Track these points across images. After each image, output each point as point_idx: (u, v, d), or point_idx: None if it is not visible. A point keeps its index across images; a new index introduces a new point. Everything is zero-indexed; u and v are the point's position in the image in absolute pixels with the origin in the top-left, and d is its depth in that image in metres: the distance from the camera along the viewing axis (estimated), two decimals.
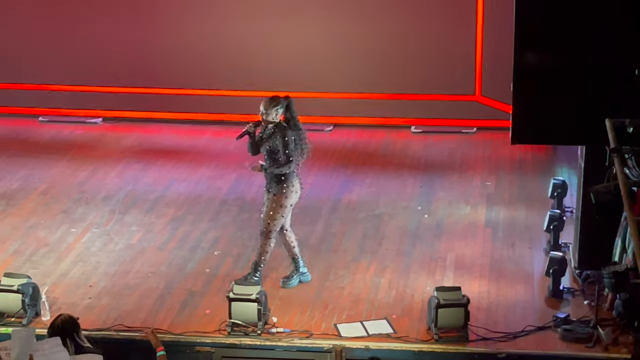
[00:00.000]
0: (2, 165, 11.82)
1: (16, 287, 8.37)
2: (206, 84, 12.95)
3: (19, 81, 13.26)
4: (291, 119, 8.76)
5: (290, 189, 8.75)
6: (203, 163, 11.83)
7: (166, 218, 10.40)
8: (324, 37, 12.77)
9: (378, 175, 11.44)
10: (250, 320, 8.22)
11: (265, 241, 8.85)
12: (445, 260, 9.43)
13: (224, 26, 12.85)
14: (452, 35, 12.56)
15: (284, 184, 8.72)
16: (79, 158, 12.03)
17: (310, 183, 11.22)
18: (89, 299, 8.81)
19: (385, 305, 8.65)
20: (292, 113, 8.77)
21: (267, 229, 8.81)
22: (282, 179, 8.72)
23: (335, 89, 12.87)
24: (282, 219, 8.81)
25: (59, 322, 7.28)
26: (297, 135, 8.74)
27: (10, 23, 13.16)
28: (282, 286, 8.94)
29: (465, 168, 11.63)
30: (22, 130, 12.97)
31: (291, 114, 8.77)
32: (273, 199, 8.76)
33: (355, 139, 12.57)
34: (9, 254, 9.61)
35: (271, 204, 8.77)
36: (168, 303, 8.75)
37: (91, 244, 9.80)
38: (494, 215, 10.36)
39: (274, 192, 8.76)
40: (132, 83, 13.00)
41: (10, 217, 10.41)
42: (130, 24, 12.99)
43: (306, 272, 9.07)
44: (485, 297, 8.75)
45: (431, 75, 12.68)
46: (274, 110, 8.69)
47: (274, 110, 8.69)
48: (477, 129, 12.70)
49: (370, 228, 10.11)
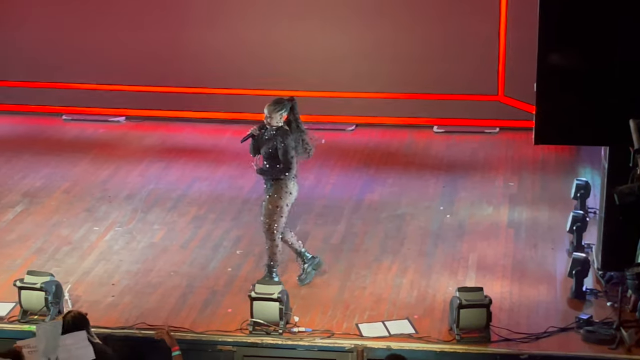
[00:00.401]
0: (26, 163, 11.88)
1: (39, 285, 8.41)
2: (229, 83, 12.97)
3: (43, 80, 13.32)
4: (294, 120, 8.80)
5: (285, 190, 8.78)
6: (225, 162, 11.85)
7: (188, 217, 10.42)
8: (347, 37, 12.77)
9: (400, 175, 11.43)
10: (272, 319, 8.23)
11: (270, 243, 8.90)
12: (467, 260, 9.41)
13: (248, 26, 12.86)
14: (475, 35, 12.52)
15: (278, 186, 8.76)
16: (101, 156, 12.08)
17: (332, 183, 11.25)
18: (111, 297, 8.84)
19: (407, 306, 8.64)
20: (296, 115, 8.81)
21: (269, 230, 8.85)
22: (278, 180, 8.75)
23: (358, 88, 12.86)
24: (282, 219, 8.84)
25: (69, 319, 7.29)
26: (299, 138, 8.78)
27: (35, 22, 13.22)
28: (301, 284, 8.96)
29: (488, 168, 11.60)
30: (46, 128, 13.04)
31: (294, 115, 8.81)
32: (269, 200, 8.81)
33: (378, 139, 12.55)
34: (32, 252, 9.66)
35: (267, 205, 8.81)
36: (190, 302, 8.77)
37: (114, 243, 9.84)
38: (517, 216, 10.33)
39: (268, 194, 8.81)
40: (154, 82, 13.04)
41: (33, 215, 10.46)
42: (154, 24, 13.02)
43: (317, 257, 9.11)
44: (507, 298, 8.72)
45: (454, 75, 12.65)
46: (278, 114, 8.74)
47: (278, 114, 8.74)
48: (499, 129, 12.66)
49: (392, 228, 10.10)
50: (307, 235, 9.94)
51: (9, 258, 9.54)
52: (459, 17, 12.52)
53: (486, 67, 12.57)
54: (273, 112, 8.72)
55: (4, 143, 12.51)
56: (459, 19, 12.53)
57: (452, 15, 12.53)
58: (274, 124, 8.73)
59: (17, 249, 9.71)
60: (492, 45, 12.50)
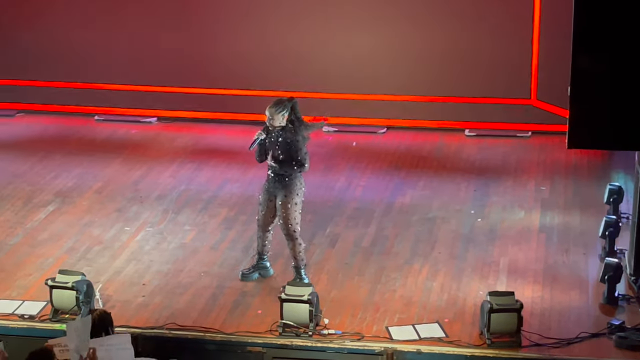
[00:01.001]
0: (58, 163, 11.95)
1: (71, 284, 8.46)
2: (260, 84, 12.98)
3: (75, 80, 13.40)
4: (296, 120, 8.81)
5: (298, 186, 8.84)
6: (256, 164, 11.76)
7: (219, 218, 10.44)
8: (378, 40, 12.75)
9: (431, 178, 11.40)
10: (302, 321, 8.22)
11: (294, 243, 8.92)
12: (498, 264, 9.37)
13: (280, 28, 12.88)
14: (508, 38, 12.47)
15: (292, 184, 8.79)
16: (133, 157, 12.12)
17: (363, 185, 11.23)
18: (142, 297, 8.87)
19: (437, 309, 8.62)
20: (297, 114, 8.83)
21: (291, 230, 8.86)
22: (287, 179, 8.78)
23: (389, 91, 12.84)
24: (299, 215, 8.89)
25: (95, 317, 7.31)
26: (306, 134, 8.81)
27: (69, 23, 13.29)
28: (241, 279, 9.03)
29: (520, 172, 11.54)
30: (78, 128, 13.10)
31: (296, 114, 8.82)
32: (285, 200, 8.81)
33: (409, 142, 12.53)
34: (64, 251, 9.71)
35: (285, 206, 8.81)
36: (220, 303, 8.78)
37: (145, 243, 9.87)
38: (549, 221, 10.27)
39: (284, 195, 8.80)
40: (186, 83, 13.08)
41: (65, 215, 10.52)
42: (187, 25, 13.06)
43: (268, 266, 9.18)
44: (538, 303, 8.67)
45: (486, 78, 12.60)
46: (280, 115, 8.76)
47: (280, 114, 8.76)
48: (532, 133, 12.60)
49: (423, 231, 10.07)
50: (337, 238, 9.93)
51: (40, 257, 9.60)
52: (493, 20, 12.47)
53: (519, 71, 12.52)
54: (275, 114, 8.75)
55: (37, 143, 12.59)
56: (492, 22, 12.48)
57: (485, 18, 12.48)
58: (276, 125, 8.75)
59: (49, 248, 9.77)
60: (525, 48, 12.45)
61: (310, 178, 11.31)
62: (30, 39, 13.36)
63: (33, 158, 12.09)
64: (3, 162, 12.01)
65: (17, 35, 13.38)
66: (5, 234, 10.09)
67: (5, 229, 10.20)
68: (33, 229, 10.20)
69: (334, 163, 11.88)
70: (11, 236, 10.05)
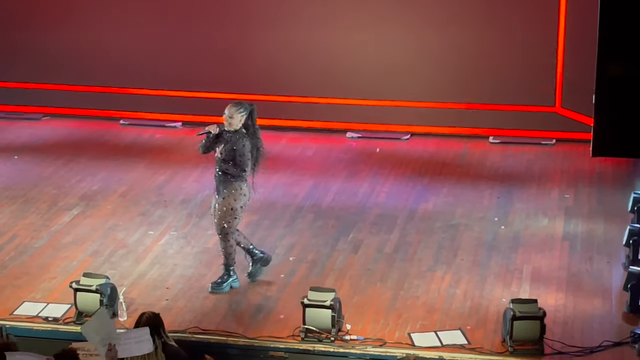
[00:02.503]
0: (83, 167, 12.01)
1: (95, 287, 8.51)
2: (284, 90, 13.01)
3: (101, 84, 13.47)
4: (251, 126, 8.90)
5: (239, 191, 8.90)
6: (279, 169, 11.89)
7: (242, 223, 10.41)
8: (403, 46, 12.75)
9: (455, 185, 11.38)
10: (324, 326, 8.24)
11: (224, 244, 9.02)
12: (521, 272, 9.35)
13: (305, 35, 12.90)
14: (533, 45, 12.45)
15: (232, 188, 8.86)
16: (158, 161, 12.18)
17: (386, 192, 11.23)
18: (165, 300, 8.91)
19: (459, 316, 8.61)
20: (253, 120, 8.92)
21: (223, 232, 8.96)
22: (231, 182, 8.86)
23: (413, 98, 12.84)
24: (236, 220, 8.97)
25: (144, 320, 7.35)
26: (254, 144, 8.89)
27: (95, 28, 13.36)
28: (251, 280, 9.12)
29: (544, 180, 11.51)
30: (104, 132, 13.17)
31: (252, 121, 8.91)
32: (223, 202, 8.91)
33: (433, 149, 12.52)
34: (88, 255, 9.76)
35: (222, 207, 8.91)
36: (243, 307, 8.80)
37: (169, 247, 9.91)
38: (572, 228, 10.24)
39: (223, 196, 8.90)
40: (212, 88, 13.11)
41: (90, 219, 10.58)
42: (211, 30, 13.11)
43: (265, 254, 9.27)
44: (561, 311, 8.65)
45: (511, 85, 12.58)
46: (239, 114, 8.85)
47: (240, 114, 8.85)
48: (556, 141, 12.56)
49: (446, 238, 10.07)
50: (360, 244, 9.94)
51: (65, 260, 9.65)
52: (517, 27, 12.44)
53: (544, 78, 12.49)
54: (235, 113, 8.82)
55: (62, 146, 12.67)
56: (517, 29, 12.45)
57: (510, 25, 12.45)
58: (234, 125, 8.83)
59: (74, 252, 9.83)
60: (550, 56, 12.42)
61: (334, 184, 11.38)
62: (57, 43, 13.44)
63: (58, 161, 12.17)
64: (29, 165, 12.09)
65: (44, 40, 13.46)
66: (30, 237, 10.16)
67: (30, 232, 10.27)
68: (58, 232, 10.26)
69: (358, 169, 11.89)
70: (36, 239, 10.12)
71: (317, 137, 12.92)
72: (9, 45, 13.65)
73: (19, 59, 13.62)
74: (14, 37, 13.60)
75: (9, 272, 9.44)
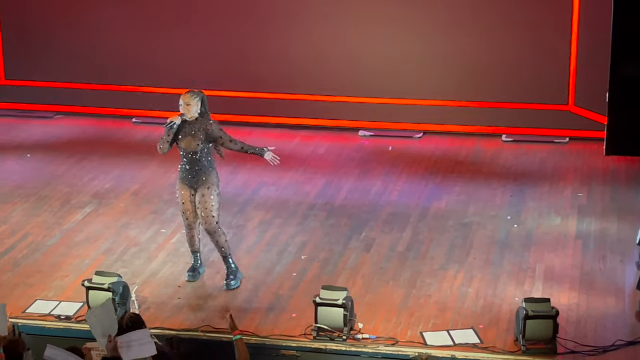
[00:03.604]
0: (96, 164, 12.04)
1: (107, 285, 8.52)
2: (296, 88, 13.01)
3: (113, 82, 13.49)
4: (205, 112, 8.97)
5: (217, 177, 9.03)
6: (292, 167, 11.89)
7: (254, 221, 10.47)
8: (415, 44, 12.73)
9: (467, 183, 11.36)
10: (336, 325, 8.23)
11: (217, 237, 9.02)
12: (534, 270, 9.32)
13: (316, 32, 12.90)
14: (546, 43, 12.42)
15: (213, 176, 8.97)
16: (170, 159, 12.07)
17: (398, 190, 11.22)
18: (177, 299, 8.91)
19: (472, 315, 8.59)
20: (206, 107, 9.00)
21: (214, 224, 8.97)
22: (210, 171, 8.93)
23: (426, 96, 12.82)
24: (219, 207, 9.02)
25: (126, 320, 7.33)
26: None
27: (108, 27, 13.39)
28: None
29: (557, 178, 11.48)
30: (116, 131, 13.19)
31: (205, 107, 8.99)
32: (208, 193, 8.92)
33: (445, 147, 12.50)
34: (101, 253, 9.78)
35: (208, 198, 8.92)
36: (255, 305, 8.80)
37: (180, 245, 9.91)
38: (585, 227, 10.21)
39: (207, 186, 8.91)
40: (222, 86, 13.11)
41: (102, 217, 10.59)
42: (226, 29, 13.11)
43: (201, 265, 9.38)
44: (574, 310, 8.62)
45: (524, 83, 12.55)
46: (195, 101, 8.92)
47: (196, 101, 8.92)
48: (569, 139, 12.53)
49: (458, 236, 10.05)
50: (372, 242, 9.93)
51: (77, 258, 9.67)
52: (531, 25, 12.41)
53: (556, 76, 12.46)
54: (192, 100, 8.90)
55: (75, 145, 12.69)
56: (531, 28, 12.42)
57: (524, 23, 12.42)
58: (192, 112, 8.90)
59: (86, 250, 9.84)
60: (563, 54, 12.38)
61: (347, 182, 11.37)
62: (69, 42, 13.48)
63: (71, 160, 12.19)
64: (41, 163, 12.12)
65: (56, 38, 13.50)
66: (43, 235, 10.18)
67: (42, 230, 10.29)
68: (70, 230, 10.28)
69: (370, 167, 11.87)
70: (48, 237, 10.14)
71: (329, 136, 12.91)
72: (22, 44, 13.69)
73: (32, 57, 13.66)
74: (27, 36, 13.64)
75: (22, 270, 9.46)
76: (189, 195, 9.04)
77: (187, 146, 8.95)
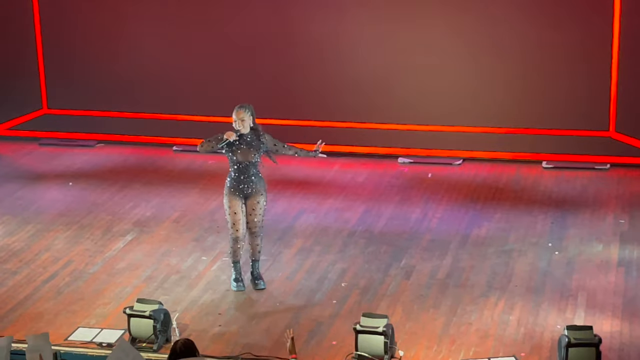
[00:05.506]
0: (137, 192, 12.12)
1: (148, 312, 8.55)
2: (336, 116, 13.05)
3: (155, 111, 13.60)
4: (255, 125, 9.43)
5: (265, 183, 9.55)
6: (332, 194, 11.91)
7: (294, 248, 10.48)
8: (455, 71, 12.74)
9: (508, 210, 11.32)
10: (377, 353, 8.20)
11: (260, 240, 9.59)
12: (576, 298, 9.26)
13: (356, 59, 12.94)
14: (587, 69, 12.38)
15: (263, 181, 9.54)
16: (210, 187, 12.25)
17: (438, 217, 11.19)
18: (218, 326, 8.93)
19: (513, 343, 8.53)
20: (254, 119, 9.46)
21: (261, 228, 9.49)
22: (262, 179, 9.49)
23: (466, 123, 12.81)
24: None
25: (180, 346, 7.34)
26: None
27: (149, 55, 13.53)
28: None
29: (598, 205, 11.41)
30: (157, 159, 13.29)
31: (254, 120, 9.44)
32: (262, 200, 9.45)
33: (485, 174, 12.47)
34: (142, 280, 9.83)
35: (262, 202, 9.45)
36: (295, 333, 8.75)
37: (221, 272, 9.94)
38: (628, 254, 10.13)
39: (260, 193, 9.40)
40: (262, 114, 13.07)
41: (143, 244, 10.66)
42: (263, 56, 13.19)
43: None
44: (617, 338, 8.54)
45: (564, 110, 12.52)
46: (249, 116, 9.35)
47: (249, 116, 9.35)
48: (610, 166, 12.46)
49: (499, 264, 10.00)
50: (412, 269, 9.91)
51: (119, 286, 9.73)
52: (571, 51, 12.38)
53: (597, 103, 12.41)
54: (245, 115, 9.34)
55: (117, 173, 12.80)
56: (570, 54, 12.39)
57: (563, 49, 12.40)
58: (246, 126, 9.32)
59: (127, 277, 9.90)
60: (603, 80, 12.33)
61: (386, 209, 11.36)
62: (111, 71, 13.62)
63: (112, 188, 12.29)
64: (83, 191, 12.22)
65: (97, 67, 13.65)
66: (85, 263, 10.26)
67: (85, 258, 10.37)
68: (112, 258, 10.35)
69: (410, 195, 11.87)
70: (91, 265, 10.21)
71: (368, 163, 12.93)
72: (64, 74, 13.85)
73: (74, 86, 13.82)
74: (68, 65, 13.80)
75: (64, 297, 9.53)
76: (240, 205, 9.38)
77: (245, 158, 9.34)
